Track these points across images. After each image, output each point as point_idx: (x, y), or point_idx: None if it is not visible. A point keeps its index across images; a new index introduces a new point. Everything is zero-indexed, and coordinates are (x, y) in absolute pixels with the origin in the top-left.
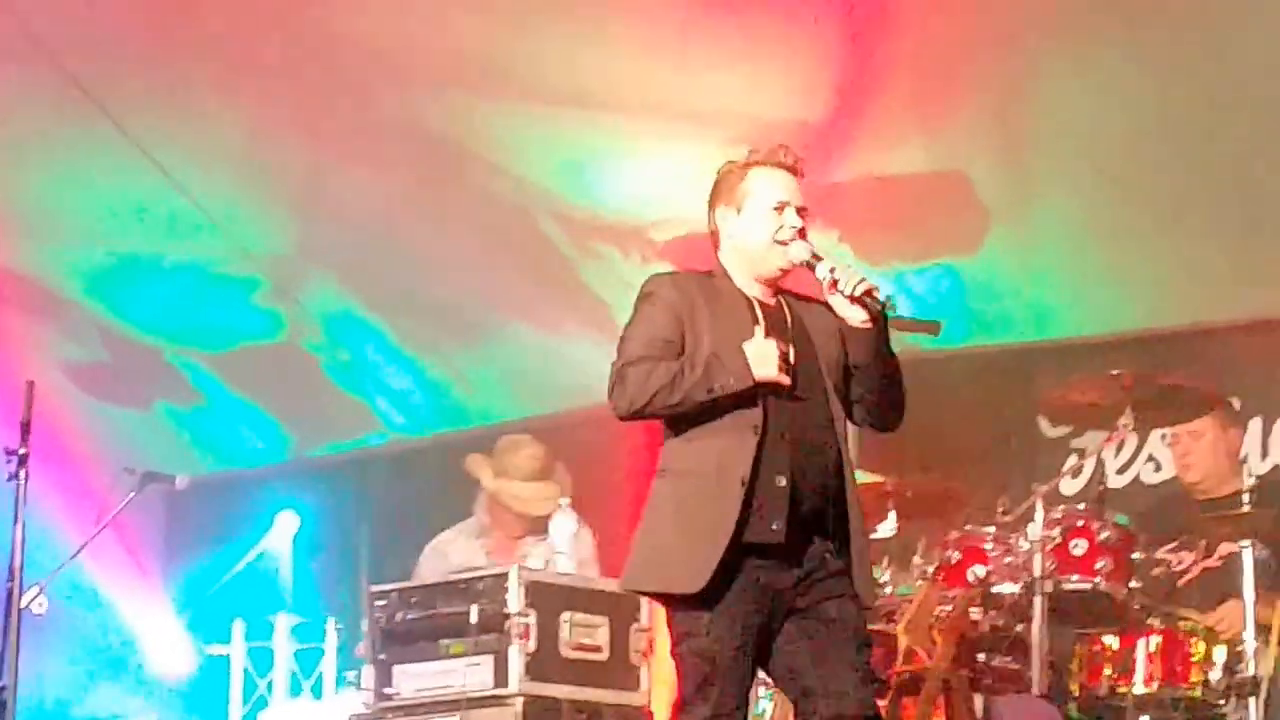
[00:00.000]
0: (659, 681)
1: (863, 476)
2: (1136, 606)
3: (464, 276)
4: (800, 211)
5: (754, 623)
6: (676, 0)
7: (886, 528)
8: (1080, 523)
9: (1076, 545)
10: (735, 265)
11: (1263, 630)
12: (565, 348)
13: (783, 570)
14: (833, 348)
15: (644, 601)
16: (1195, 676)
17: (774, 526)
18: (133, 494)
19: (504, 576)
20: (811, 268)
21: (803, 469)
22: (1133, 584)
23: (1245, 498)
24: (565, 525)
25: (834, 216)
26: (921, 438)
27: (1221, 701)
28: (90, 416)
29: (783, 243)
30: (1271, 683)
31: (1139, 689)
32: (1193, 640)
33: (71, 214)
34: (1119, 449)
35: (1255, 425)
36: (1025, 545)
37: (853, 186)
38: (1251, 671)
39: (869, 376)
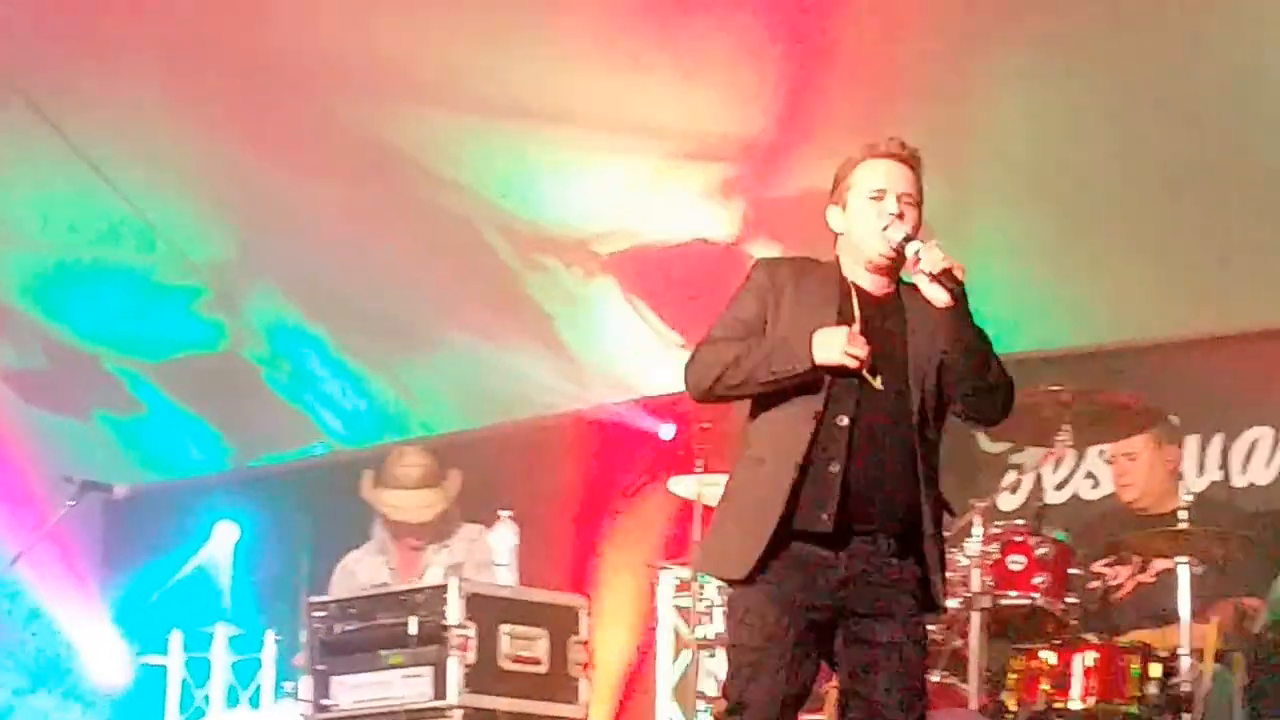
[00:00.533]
0: (598, 694)
1: None
2: (1073, 622)
3: (408, 287)
4: (903, 198)
5: (801, 613)
6: (622, 16)
7: None
8: (1018, 539)
9: (1014, 561)
10: (846, 258)
11: (1198, 646)
12: (508, 359)
13: (836, 562)
14: (937, 342)
15: (583, 614)
16: (1132, 692)
17: (823, 515)
18: (71, 503)
19: (443, 588)
20: (902, 249)
21: (864, 459)
22: (1070, 599)
23: (1182, 514)
24: (506, 537)
25: (779, 231)
26: None
27: (1157, 717)
28: (29, 424)
29: (883, 230)
30: (1206, 698)
31: (1075, 704)
32: (1129, 656)
33: (12, 220)
34: (1057, 465)
35: (1192, 442)
36: (963, 561)
37: (795, 201)
38: (1187, 687)
39: (955, 363)
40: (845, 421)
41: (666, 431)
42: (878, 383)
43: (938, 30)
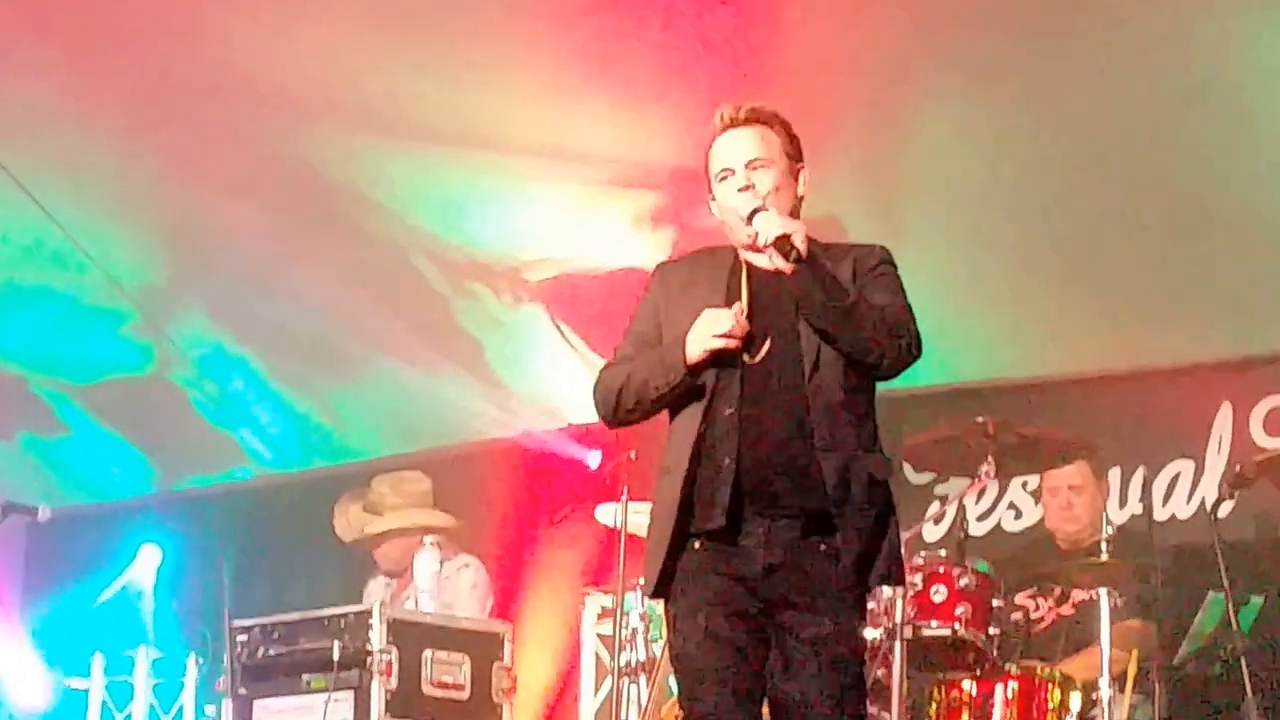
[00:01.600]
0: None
1: None
2: (995, 653)
3: (336, 313)
4: (752, 165)
5: (722, 615)
6: (554, 43)
7: None
8: (941, 569)
9: (937, 591)
10: (741, 246)
11: (1117, 677)
12: (437, 386)
13: (745, 556)
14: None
15: (506, 639)
16: None
17: (715, 511)
18: None
19: (367, 613)
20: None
21: (756, 444)
22: (991, 630)
23: (1103, 547)
24: (428, 563)
25: None
26: None
27: None
28: None
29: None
30: None
31: None
32: (1049, 686)
33: None
34: (980, 496)
35: (1114, 475)
36: (886, 591)
37: (724, 230)
38: (1106, 717)
39: (817, 327)
40: (729, 411)
41: (593, 459)
42: (753, 358)
43: (869, 62)
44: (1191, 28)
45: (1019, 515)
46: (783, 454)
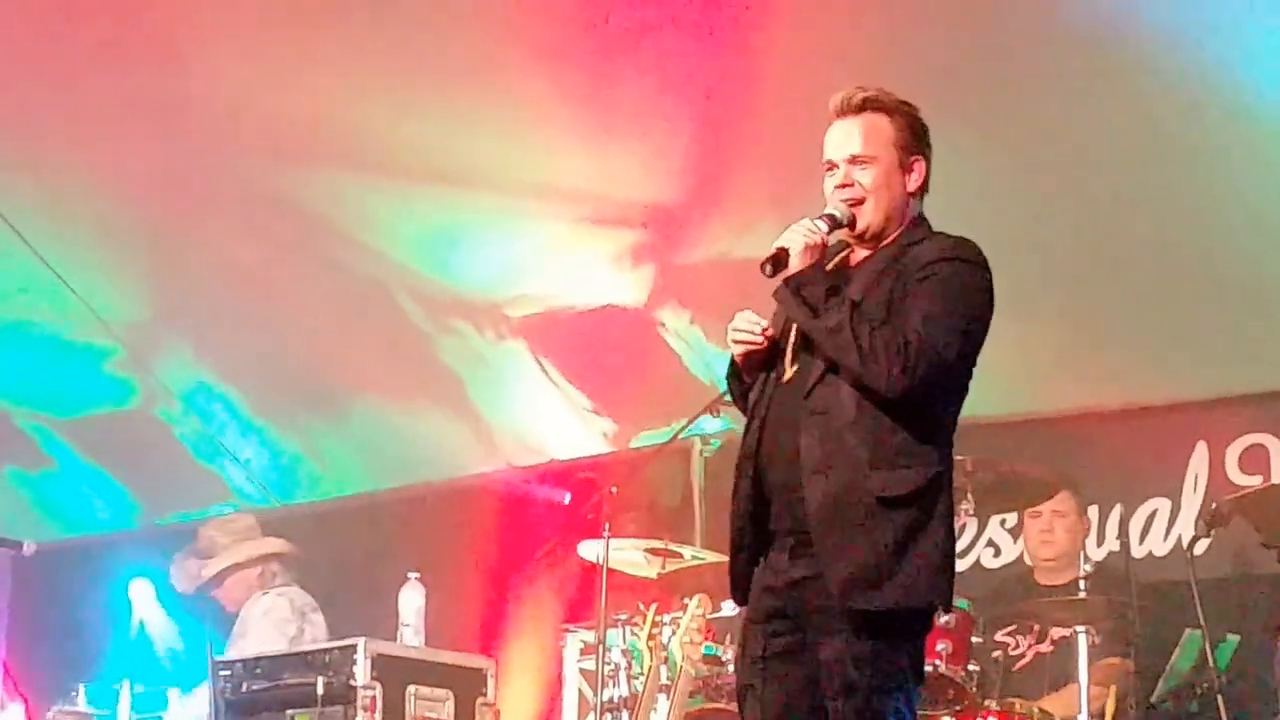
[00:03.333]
0: None
1: (706, 555)
2: (974, 689)
3: (319, 349)
4: (854, 161)
5: (760, 635)
6: (535, 82)
7: (729, 608)
8: None
9: None
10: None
11: (1096, 714)
12: (419, 421)
13: (782, 571)
14: (872, 296)
15: (490, 676)
16: None
17: (739, 525)
18: None
19: (351, 649)
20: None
21: (769, 461)
22: (971, 667)
23: (1081, 584)
24: (413, 599)
25: (688, 298)
26: None
27: None
28: None
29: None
30: None
31: None
32: None
33: None
34: (960, 533)
35: (1092, 513)
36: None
37: (707, 268)
38: None
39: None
40: (755, 425)
41: (564, 498)
42: (781, 376)
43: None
44: (1180, 73)
45: (998, 553)
46: (781, 473)
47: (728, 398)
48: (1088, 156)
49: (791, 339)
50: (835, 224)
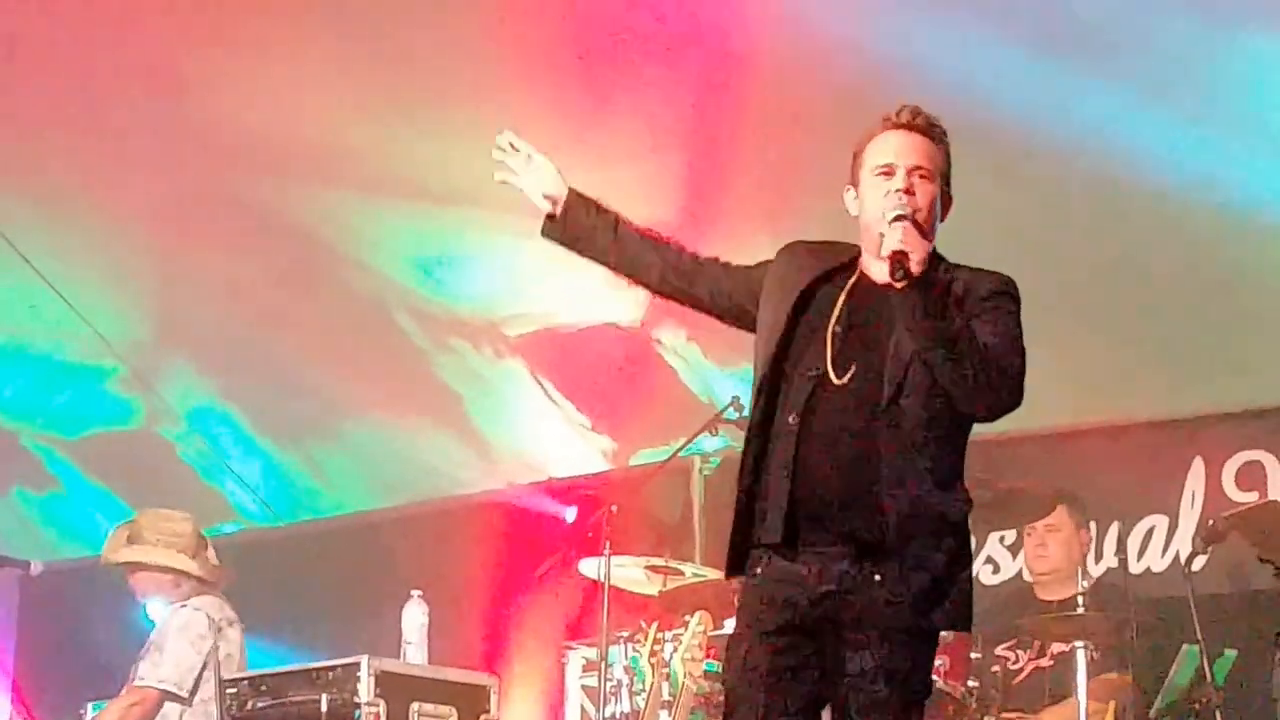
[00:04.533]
0: None
1: (707, 573)
2: (974, 704)
3: (320, 368)
4: (915, 172)
5: (764, 646)
6: (532, 104)
7: (731, 625)
8: None
9: None
10: (864, 243)
11: None
12: (418, 440)
13: (797, 581)
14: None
15: (493, 692)
16: None
17: (769, 524)
18: None
19: (355, 665)
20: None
21: (820, 463)
22: (970, 682)
23: (1080, 600)
24: (415, 616)
25: (683, 316)
26: None
27: None
28: None
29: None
30: None
31: None
32: None
33: None
34: None
35: (1090, 529)
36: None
37: None
38: None
39: (920, 353)
40: (808, 425)
41: (569, 514)
42: (840, 378)
43: (841, 118)
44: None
45: (996, 569)
46: (844, 479)
47: (728, 415)
48: (1084, 173)
49: (831, 335)
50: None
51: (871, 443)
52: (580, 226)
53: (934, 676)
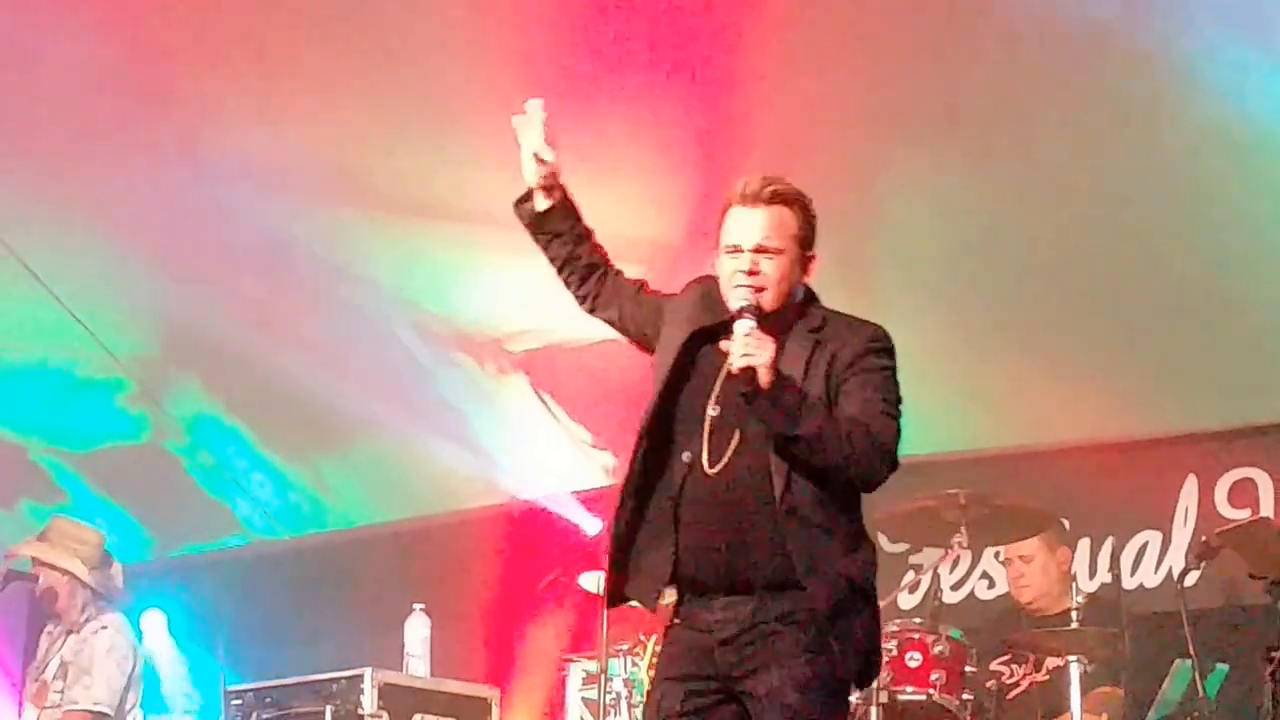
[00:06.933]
0: None
1: None
2: (968, 718)
3: (325, 383)
4: (762, 250)
5: (678, 691)
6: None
7: None
8: (915, 636)
9: (912, 658)
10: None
11: None
12: (423, 454)
13: (702, 629)
14: (812, 384)
15: (494, 704)
16: None
17: (651, 591)
18: None
19: (359, 678)
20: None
21: (695, 550)
22: (965, 696)
23: (1074, 615)
24: (418, 628)
25: None
26: None
27: None
28: None
29: (734, 289)
30: None
31: None
32: None
33: None
34: (954, 565)
35: (1084, 545)
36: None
37: None
38: None
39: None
40: (668, 502)
41: (592, 526)
42: (713, 467)
43: (843, 144)
44: (1175, 109)
45: (991, 584)
46: (733, 533)
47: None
48: (1072, 192)
49: (708, 426)
50: (756, 317)
51: (754, 492)
52: (557, 226)
53: (930, 690)
